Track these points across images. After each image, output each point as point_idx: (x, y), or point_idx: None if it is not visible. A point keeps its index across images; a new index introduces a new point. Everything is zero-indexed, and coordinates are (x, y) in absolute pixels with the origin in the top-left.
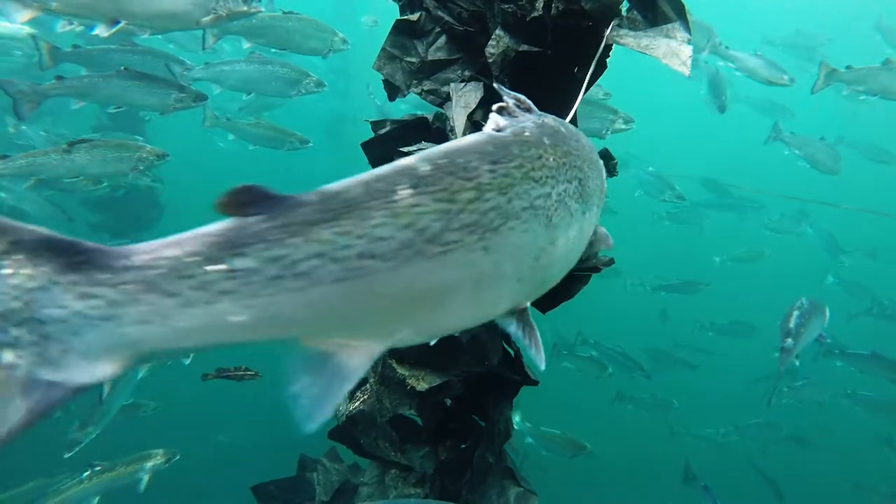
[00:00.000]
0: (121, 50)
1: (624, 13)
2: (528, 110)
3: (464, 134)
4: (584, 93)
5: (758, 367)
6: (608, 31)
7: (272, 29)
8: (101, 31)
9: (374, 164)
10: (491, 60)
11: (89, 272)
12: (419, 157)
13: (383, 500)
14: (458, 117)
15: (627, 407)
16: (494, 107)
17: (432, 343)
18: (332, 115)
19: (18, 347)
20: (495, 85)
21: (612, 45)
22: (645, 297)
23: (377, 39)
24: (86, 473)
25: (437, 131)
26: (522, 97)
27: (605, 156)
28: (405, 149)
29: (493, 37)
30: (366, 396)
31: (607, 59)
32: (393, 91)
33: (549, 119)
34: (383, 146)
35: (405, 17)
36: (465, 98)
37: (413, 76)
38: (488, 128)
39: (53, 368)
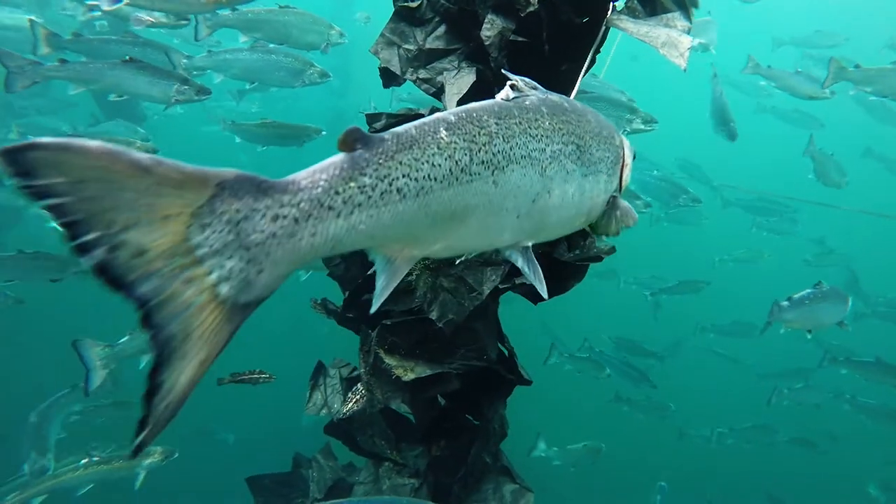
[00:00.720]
0: (120, 41)
1: (623, 4)
2: (535, 88)
3: None
4: (581, 79)
5: (758, 367)
6: (608, 15)
7: (269, 23)
8: (103, 2)
9: None
10: (488, 43)
11: (275, 196)
12: (446, 112)
13: (378, 495)
14: (450, 103)
15: (623, 408)
16: (511, 81)
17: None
18: (332, 112)
19: (231, 278)
20: (503, 70)
21: (605, 40)
22: (641, 293)
23: (373, 36)
24: (83, 461)
25: None
26: (528, 79)
27: None
28: None
29: (486, 20)
30: (358, 397)
31: (597, 56)
32: (389, 78)
33: (554, 96)
34: None
35: (406, 4)
36: (457, 84)
37: (410, 63)
38: (499, 97)
39: (249, 291)
